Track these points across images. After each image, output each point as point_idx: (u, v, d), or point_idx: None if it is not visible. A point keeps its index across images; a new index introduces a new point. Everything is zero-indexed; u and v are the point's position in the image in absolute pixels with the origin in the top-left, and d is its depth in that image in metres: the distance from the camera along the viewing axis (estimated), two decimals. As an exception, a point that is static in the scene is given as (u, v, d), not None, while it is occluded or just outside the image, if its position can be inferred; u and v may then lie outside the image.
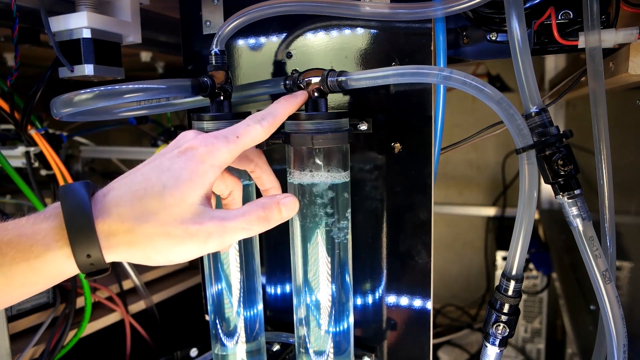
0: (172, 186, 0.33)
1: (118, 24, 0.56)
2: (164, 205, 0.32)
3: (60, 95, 0.44)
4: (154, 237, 0.32)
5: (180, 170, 0.34)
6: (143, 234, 0.32)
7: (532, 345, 1.41)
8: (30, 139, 0.69)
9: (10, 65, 0.99)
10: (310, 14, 0.49)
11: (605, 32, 0.44)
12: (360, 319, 0.58)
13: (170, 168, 0.34)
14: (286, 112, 0.42)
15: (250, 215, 0.34)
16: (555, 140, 0.42)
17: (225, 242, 0.34)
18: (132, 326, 0.80)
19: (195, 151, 0.35)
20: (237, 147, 0.36)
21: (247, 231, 0.34)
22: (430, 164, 0.52)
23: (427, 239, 0.54)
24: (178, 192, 0.33)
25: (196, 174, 0.34)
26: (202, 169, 0.34)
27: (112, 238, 0.32)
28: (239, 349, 0.55)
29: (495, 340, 0.46)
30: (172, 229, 0.32)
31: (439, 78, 0.42)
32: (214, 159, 0.35)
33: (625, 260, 0.66)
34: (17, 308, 0.66)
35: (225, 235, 0.34)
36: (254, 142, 0.38)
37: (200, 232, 0.33)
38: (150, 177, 0.34)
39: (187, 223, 0.33)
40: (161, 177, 0.33)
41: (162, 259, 0.33)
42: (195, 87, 0.46)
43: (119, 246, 0.32)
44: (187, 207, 0.33)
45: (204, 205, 0.34)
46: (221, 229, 0.33)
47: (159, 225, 0.32)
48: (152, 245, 0.32)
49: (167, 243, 0.32)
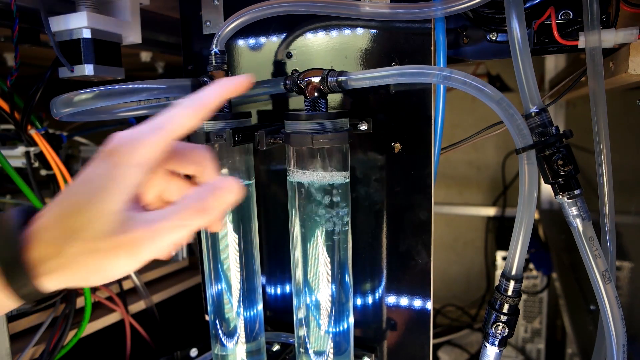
0: (91, 198, 0.30)
1: (118, 24, 0.56)
2: (87, 220, 0.30)
3: (60, 95, 0.44)
4: (83, 256, 0.30)
5: (98, 179, 0.31)
6: (72, 255, 0.30)
7: (532, 345, 1.41)
8: (30, 139, 0.69)
9: (10, 65, 0.98)
10: (310, 14, 0.49)
11: (605, 32, 0.44)
12: (360, 319, 0.58)
13: (91, 178, 0.31)
14: (220, 93, 0.35)
15: (185, 210, 0.31)
16: (555, 140, 0.42)
17: (161, 245, 0.31)
18: (132, 326, 0.80)
19: (114, 153, 0.31)
20: (159, 140, 0.32)
21: (185, 227, 0.31)
22: (430, 164, 0.52)
23: (427, 239, 0.54)
24: (98, 203, 0.30)
25: (112, 179, 0.30)
26: (119, 173, 0.31)
27: (44, 265, 0.30)
28: (238, 349, 0.55)
29: (494, 340, 0.46)
30: (99, 244, 0.30)
31: (439, 78, 0.42)
32: (133, 158, 0.31)
33: (625, 260, 0.66)
34: (17, 308, 0.66)
35: (159, 238, 0.30)
36: (183, 129, 0.33)
37: (129, 242, 0.30)
38: (76, 192, 0.31)
39: (113, 234, 0.30)
40: (83, 189, 0.31)
41: (99, 278, 0.31)
42: (195, 87, 0.46)
43: (52, 272, 0.30)
44: (110, 218, 0.30)
45: (130, 211, 0.31)
46: (152, 232, 0.30)
47: (86, 242, 0.30)
48: (84, 265, 0.30)
49: (98, 260, 0.30)
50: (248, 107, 0.60)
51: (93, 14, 0.53)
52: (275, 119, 0.59)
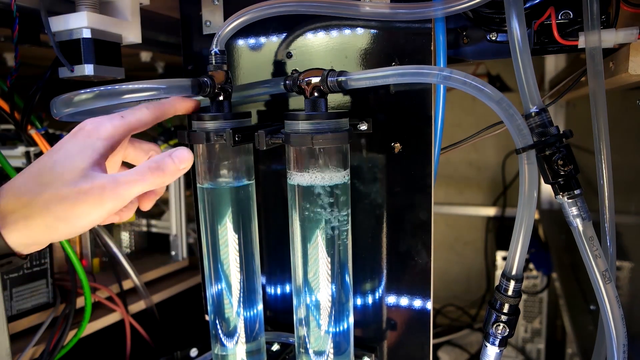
0: (62, 159, 0.36)
1: (118, 24, 0.56)
2: (56, 175, 0.35)
3: (60, 95, 0.44)
4: (49, 204, 0.34)
5: (70, 146, 0.37)
6: (39, 203, 0.34)
7: (532, 345, 1.41)
8: (30, 139, 0.69)
9: (10, 65, 0.98)
10: (310, 14, 0.49)
11: (605, 32, 0.44)
12: (360, 319, 0.58)
13: (61, 148, 0.37)
14: (175, 104, 0.45)
15: (144, 168, 0.37)
16: (555, 140, 0.42)
17: (120, 195, 0.35)
18: (132, 326, 0.80)
19: (83, 130, 0.38)
20: (121, 123, 0.40)
21: (142, 182, 0.36)
22: (430, 164, 0.52)
23: (427, 239, 0.54)
24: (68, 161, 0.35)
25: (83, 145, 0.37)
26: (89, 142, 0.37)
27: (9, 216, 0.34)
28: (238, 349, 0.55)
29: (495, 340, 0.46)
30: (65, 190, 0.34)
31: (439, 78, 0.42)
32: (99, 133, 0.38)
33: (625, 260, 0.66)
34: (17, 308, 0.66)
35: (119, 188, 0.35)
36: (139, 122, 0.41)
37: (93, 189, 0.35)
38: (44, 159, 0.36)
39: (79, 184, 0.35)
40: (53, 156, 0.36)
41: (63, 226, 0.35)
42: (195, 87, 0.46)
43: (17, 222, 0.34)
44: (77, 172, 0.35)
45: (95, 170, 0.36)
46: (114, 182, 0.35)
47: (53, 191, 0.34)
48: (49, 212, 0.34)
49: (63, 206, 0.34)
50: (248, 107, 0.60)
51: (93, 14, 0.53)
52: (275, 119, 0.59)
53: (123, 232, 0.93)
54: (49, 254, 0.69)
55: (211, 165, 0.51)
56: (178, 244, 0.94)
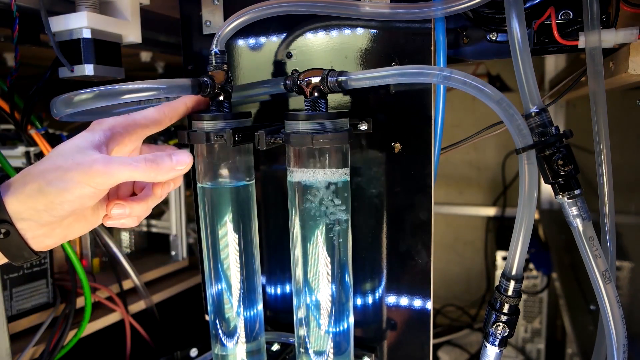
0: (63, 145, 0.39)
1: (118, 24, 0.56)
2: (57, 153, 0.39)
3: (60, 95, 0.44)
4: (45, 171, 0.37)
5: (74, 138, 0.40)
6: (36, 171, 0.38)
7: (532, 345, 1.41)
8: (30, 139, 0.69)
9: (10, 65, 0.98)
10: (310, 14, 0.49)
11: (605, 32, 0.44)
12: (360, 319, 0.58)
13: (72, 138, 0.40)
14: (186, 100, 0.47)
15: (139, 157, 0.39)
16: (555, 140, 0.42)
17: (110, 173, 0.37)
18: (132, 326, 0.80)
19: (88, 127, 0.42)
20: (123, 117, 0.43)
21: (134, 168, 0.38)
22: (430, 164, 0.52)
23: (427, 239, 0.54)
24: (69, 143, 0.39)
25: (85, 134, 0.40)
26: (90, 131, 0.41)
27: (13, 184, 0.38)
28: (239, 349, 0.55)
29: (495, 340, 0.46)
30: (61, 160, 0.38)
31: (439, 78, 0.42)
32: (100, 125, 0.42)
33: (625, 260, 0.66)
34: (17, 308, 0.66)
35: (110, 166, 0.37)
36: (144, 118, 0.44)
37: (85, 160, 0.37)
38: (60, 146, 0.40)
39: (75, 156, 0.38)
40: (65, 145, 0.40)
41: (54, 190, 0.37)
42: (195, 87, 0.46)
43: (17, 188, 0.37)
44: (76, 149, 0.38)
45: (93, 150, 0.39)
46: (106, 159, 0.38)
47: (51, 162, 0.38)
48: (43, 177, 0.37)
49: (56, 173, 0.37)
50: (248, 107, 0.60)
51: (93, 13, 0.53)
52: (275, 119, 0.59)
53: (123, 232, 0.93)
54: (49, 254, 0.69)
55: (211, 165, 0.51)
56: (178, 244, 0.94)
